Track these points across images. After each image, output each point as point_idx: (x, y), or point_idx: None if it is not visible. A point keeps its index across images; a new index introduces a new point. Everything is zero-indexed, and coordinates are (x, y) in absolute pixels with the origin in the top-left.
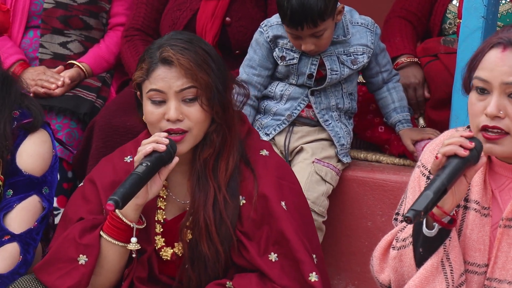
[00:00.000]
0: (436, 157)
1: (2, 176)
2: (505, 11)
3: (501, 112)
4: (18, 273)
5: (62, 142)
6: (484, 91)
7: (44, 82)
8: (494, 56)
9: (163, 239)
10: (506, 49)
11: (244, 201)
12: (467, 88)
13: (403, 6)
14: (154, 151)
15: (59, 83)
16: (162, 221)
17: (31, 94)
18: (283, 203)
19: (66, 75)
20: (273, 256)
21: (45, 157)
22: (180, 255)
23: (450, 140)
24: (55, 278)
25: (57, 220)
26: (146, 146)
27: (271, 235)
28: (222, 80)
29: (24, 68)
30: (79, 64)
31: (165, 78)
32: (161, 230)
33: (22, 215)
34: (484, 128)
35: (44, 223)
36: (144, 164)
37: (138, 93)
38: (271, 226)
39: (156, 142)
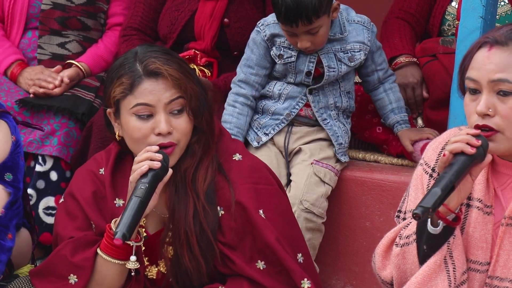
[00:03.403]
0: (444, 155)
1: None
2: (503, 12)
3: (490, 110)
4: None
5: (28, 124)
6: (475, 91)
7: (42, 81)
8: (481, 55)
9: (146, 257)
10: (492, 48)
11: (222, 212)
12: (463, 90)
13: (402, 7)
14: (149, 169)
15: (57, 82)
16: (143, 238)
17: (31, 95)
18: (261, 211)
19: (65, 75)
20: (260, 264)
21: (1, 144)
22: (165, 272)
23: (457, 137)
24: None
25: (50, 218)
26: (141, 165)
27: (255, 244)
28: (203, 89)
29: (22, 68)
30: (78, 64)
31: (153, 91)
32: (143, 248)
33: None
34: (476, 128)
35: (14, 208)
36: (143, 187)
37: (109, 110)
38: (253, 236)
39: (149, 158)
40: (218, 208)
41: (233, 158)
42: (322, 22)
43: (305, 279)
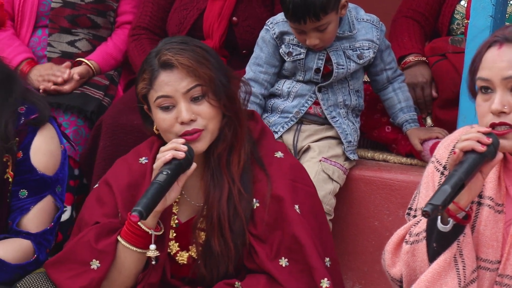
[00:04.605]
0: (454, 152)
1: (12, 173)
2: None
3: (505, 107)
4: (24, 269)
5: (68, 137)
6: (487, 90)
7: (51, 76)
8: (491, 54)
9: (177, 243)
10: (503, 46)
11: (258, 204)
12: (473, 92)
13: (411, 6)
14: (173, 159)
15: (65, 75)
16: (175, 225)
17: (41, 91)
18: (296, 207)
19: (75, 71)
20: (283, 261)
21: (55, 154)
22: (196, 257)
23: (468, 135)
24: (65, 277)
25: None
26: (166, 154)
27: (283, 240)
28: (223, 73)
29: (32, 66)
30: (87, 62)
31: (169, 82)
32: (174, 235)
33: (39, 217)
34: (492, 126)
35: (57, 223)
36: (164, 173)
37: (145, 106)
38: (284, 231)
39: (174, 149)
40: (254, 200)
41: (274, 155)
42: (330, 19)
43: (325, 279)
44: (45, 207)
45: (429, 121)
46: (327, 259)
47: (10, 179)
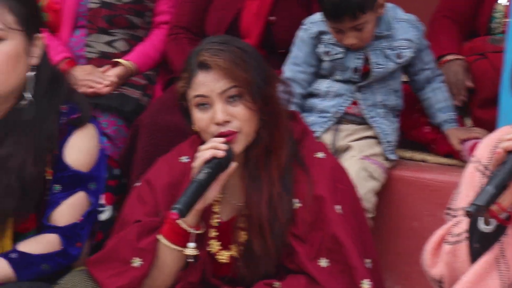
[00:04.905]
0: (497, 152)
1: (51, 171)
2: None
3: None
4: (52, 259)
5: (108, 136)
6: None
7: (91, 83)
8: None
9: (219, 242)
10: None
11: (299, 205)
12: None
13: (449, 6)
14: (213, 157)
15: (106, 82)
16: (216, 224)
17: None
18: (338, 207)
19: (114, 74)
20: (323, 262)
21: (92, 152)
22: (237, 256)
23: (511, 135)
24: (106, 275)
25: (102, 216)
26: (205, 153)
27: (324, 240)
28: (262, 76)
29: (70, 66)
30: (125, 62)
31: (206, 82)
32: (216, 234)
33: (69, 210)
34: None
35: (90, 219)
36: (204, 171)
37: (185, 103)
38: (324, 231)
39: (214, 148)
40: (295, 200)
41: (316, 155)
42: (368, 18)
43: (366, 280)
44: (76, 202)
45: (468, 121)
46: (368, 260)
47: (49, 177)
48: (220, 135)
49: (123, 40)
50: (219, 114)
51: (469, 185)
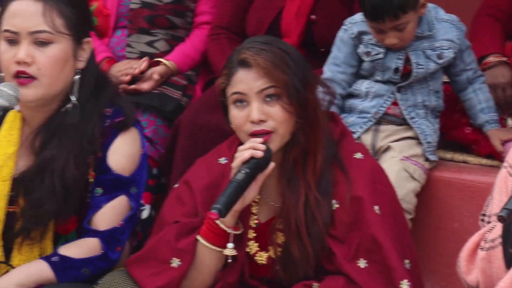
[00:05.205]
0: None
1: (93, 173)
2: None
3: None
4: (92, 264)
5: (150, 140)
6: None
7: (128, 69)
8: None
9: (257, 243)
10: None
11: (337, 205)
12: None
13: (493, 4)
14: (251, 158)
15: (142, 67)
16: (254, 225)
17: (120, 90)
18: (376, 207)
19: (156, 71)
20: (362, 262)
21: (134, 156)
22: (275, 258)
23: None
24: (145, 275)
25: (141, 215)
26: (244, 153)
27: (362, 241)
28: (301, 79)
29: (111, 65)
30: (166, 62)
31: (245, 80)
32: (254, 235)
33: (109, 215)
34: None
35: (131, 223)
36: (243, 171)
37: (225, 101)
38: (363, 232)
39: (253, 148)
40: (333, 201)
41: (354, 156)
42: (409, 18)
43: (405, 281)
44: (117, 206)
45: (510, 122)
46: (407, 261)
47: (91, 180)
48: (254, 133)
49: (163, 41)
50: (255, 112)
51: (501, 190)
